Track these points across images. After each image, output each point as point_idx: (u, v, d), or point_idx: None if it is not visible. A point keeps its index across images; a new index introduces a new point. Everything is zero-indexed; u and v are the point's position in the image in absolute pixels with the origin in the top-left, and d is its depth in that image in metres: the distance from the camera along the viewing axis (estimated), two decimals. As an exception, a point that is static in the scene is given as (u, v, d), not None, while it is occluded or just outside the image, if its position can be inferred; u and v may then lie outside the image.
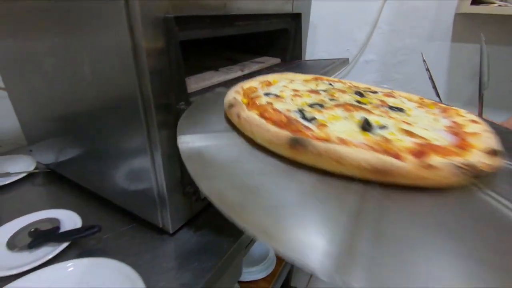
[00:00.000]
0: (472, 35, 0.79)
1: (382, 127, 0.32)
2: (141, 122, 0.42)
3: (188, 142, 0.32)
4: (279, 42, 0.76)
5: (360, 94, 0.44)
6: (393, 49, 0.90)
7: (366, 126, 0.32)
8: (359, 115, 0.35)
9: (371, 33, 0.91)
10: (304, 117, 0.34)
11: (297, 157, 0.28)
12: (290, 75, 0.50)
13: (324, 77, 0.51)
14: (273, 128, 0.30)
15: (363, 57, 0.94)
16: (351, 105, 0.38)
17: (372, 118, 0.34)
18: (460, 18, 0.79)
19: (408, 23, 0.86)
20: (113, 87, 0.42)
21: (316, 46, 0.97)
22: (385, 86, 0.95)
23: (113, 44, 0.38)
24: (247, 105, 0.37)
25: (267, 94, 0.40)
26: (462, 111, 0.39)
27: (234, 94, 0.40)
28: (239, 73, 0.60)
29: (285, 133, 0.29)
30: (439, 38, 0.83)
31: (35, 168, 0.70)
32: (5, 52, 0.58)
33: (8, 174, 0.67)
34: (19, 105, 0.65)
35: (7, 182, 0.65)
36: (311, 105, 0.38)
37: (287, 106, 0.37)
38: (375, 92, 0.46)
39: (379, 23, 0.89)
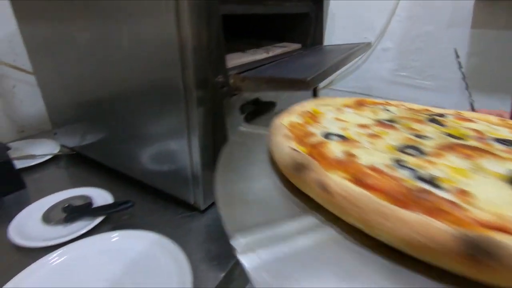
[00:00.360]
0: (493, 21, 0.79)
1: None
2: (179, 99, 0.42)
3: (254, 249, 0.19)
4: (300, 27, 0.77)
5: (436, 121, 0.34)
6: (411, 36, 0.90)
7: None
8: (487, 163, 0.25)
9: (389, 20, 0.91)
10: (420, 177, 0.22)
11: (474, 273, 0.16)
12: (327, 100, 0.42)
13: (368, 99, 0.43)
14: (414, 218, 0.17)
15: (380, 45, 0.94)
16: (465, 146, 0.27)
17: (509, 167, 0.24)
18: (481, 3, 0.79)
19: (427, 10, 0.86)
20: (152, 64, 0.43)
21: (333, 34, 0.97)
22: (403, 74, 0.95)
23: (155, 19, 0.39)
24: (311, 155, 0.25)
25: (327, 136, 0.29)
26: None
27: (286, 140, 0.27)
28: (265, 55, 0.61)
29: (446, 231, 0.16)
30: (458, 25, 0.83)
31: (59, 151, 0.71)
32: (37, 36, 0.58)
33: (33, 156, 0.68)
34: (47, 89, 0.66)
35: (32, 164, 0.66)
36: (402, 150, 0.27)
37: (375, 157, 0.26)
38: (441, 115, 0.37)
39: (398, 10, 0.89)
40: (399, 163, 0.24)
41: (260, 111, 0.51)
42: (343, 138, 0.29)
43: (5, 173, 0.54)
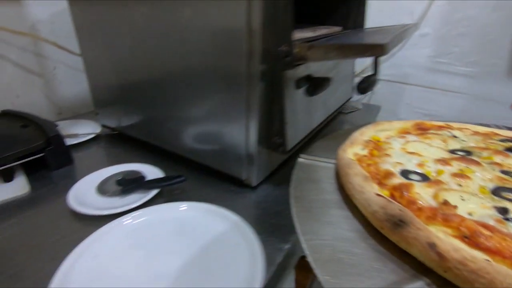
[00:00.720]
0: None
1: None
2: (241, 75, 0.41)
3: None
4: (342, 10, 0.75)
5: None
6: (452, 21, 0.87)
7: None
8: None
9: (429, 5, 0.88)
10: None
11: None
12: (383, 124, 0.40)
13: (427, 122, 0.40)
14: None
15: (418, 31, 0.92)
16: None
17: None
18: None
19: (470, -6, 0.83)
20: (216, 42, 0.42)
21: (370, 19, 0.95)
22: (442, 60, 0.92)
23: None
24: (393, 198, 0.24)
25: (404, 174, 0.27)
26: None
27: (367, 183, 0.25)
28: (312, 34, 0.59)
29: None
30: (504, 8, 0.80)
31: (101, 131, 0.72)
32: (88, 15, 0.59)
33: (76, 135, 0.69)
34: (93, 69, 0.66)
35: (75, 142, 0.66)
36: (498, 194, 0.24)
37: (471, 204, 0.23)
38: None
39: (438, -6, 0.87)
40: (506, 215, 0.21)
41: (316, 86, 0.50)
42: (424, 177, 0.26)
43: (57, 147, 0.54)
